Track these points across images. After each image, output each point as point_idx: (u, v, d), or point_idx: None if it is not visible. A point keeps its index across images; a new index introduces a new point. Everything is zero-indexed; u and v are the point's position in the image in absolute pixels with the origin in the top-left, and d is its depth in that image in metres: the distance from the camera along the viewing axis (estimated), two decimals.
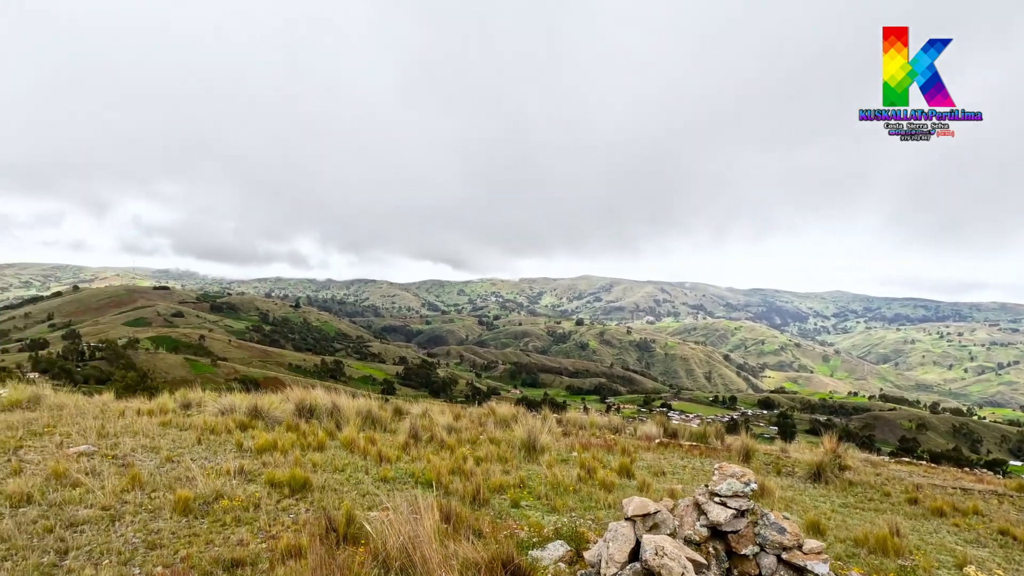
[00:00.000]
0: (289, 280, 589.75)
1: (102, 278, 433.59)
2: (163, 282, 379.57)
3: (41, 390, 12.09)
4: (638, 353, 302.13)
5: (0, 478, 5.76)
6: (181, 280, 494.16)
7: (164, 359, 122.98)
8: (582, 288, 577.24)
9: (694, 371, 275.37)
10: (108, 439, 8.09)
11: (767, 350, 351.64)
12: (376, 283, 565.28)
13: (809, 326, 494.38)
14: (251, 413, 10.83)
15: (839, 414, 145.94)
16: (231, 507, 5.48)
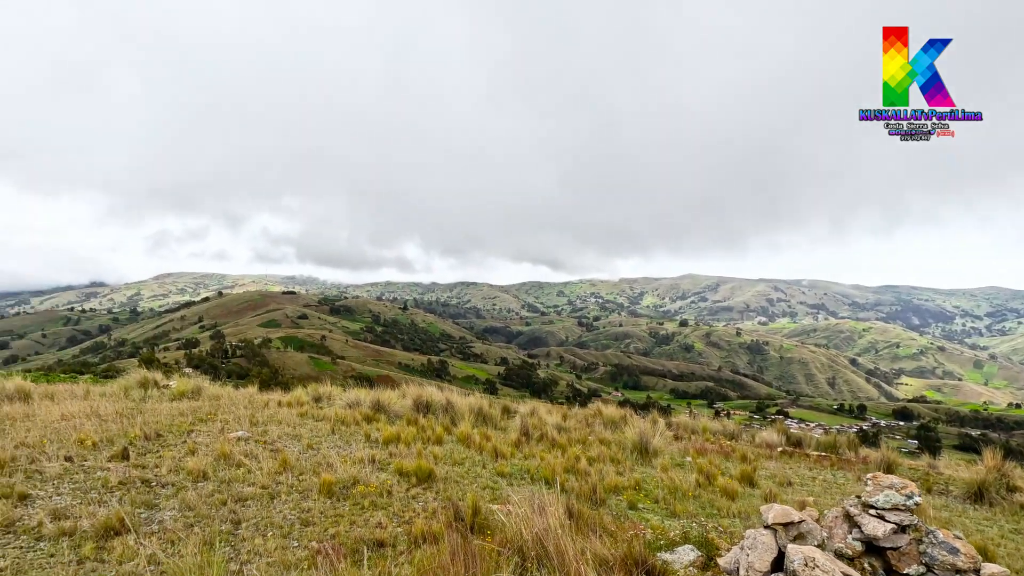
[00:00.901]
0: (397, 284, 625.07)
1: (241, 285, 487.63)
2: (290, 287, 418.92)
3: (201, 383, 13.86)
4: (749, 356, 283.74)
5: (180, 456, 6.69)
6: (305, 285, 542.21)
7: (292, 357, 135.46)
8: (686, 288, 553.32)
9: (814, 376, 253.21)
10: (258, 427, 9.08)
11: (903, 354, 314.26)
12: (477, 285, 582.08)
13: (955, 327, 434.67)
14: (374, 407, 11.63)
15: (996, 428, 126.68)
16: (367, 492, 5.93)
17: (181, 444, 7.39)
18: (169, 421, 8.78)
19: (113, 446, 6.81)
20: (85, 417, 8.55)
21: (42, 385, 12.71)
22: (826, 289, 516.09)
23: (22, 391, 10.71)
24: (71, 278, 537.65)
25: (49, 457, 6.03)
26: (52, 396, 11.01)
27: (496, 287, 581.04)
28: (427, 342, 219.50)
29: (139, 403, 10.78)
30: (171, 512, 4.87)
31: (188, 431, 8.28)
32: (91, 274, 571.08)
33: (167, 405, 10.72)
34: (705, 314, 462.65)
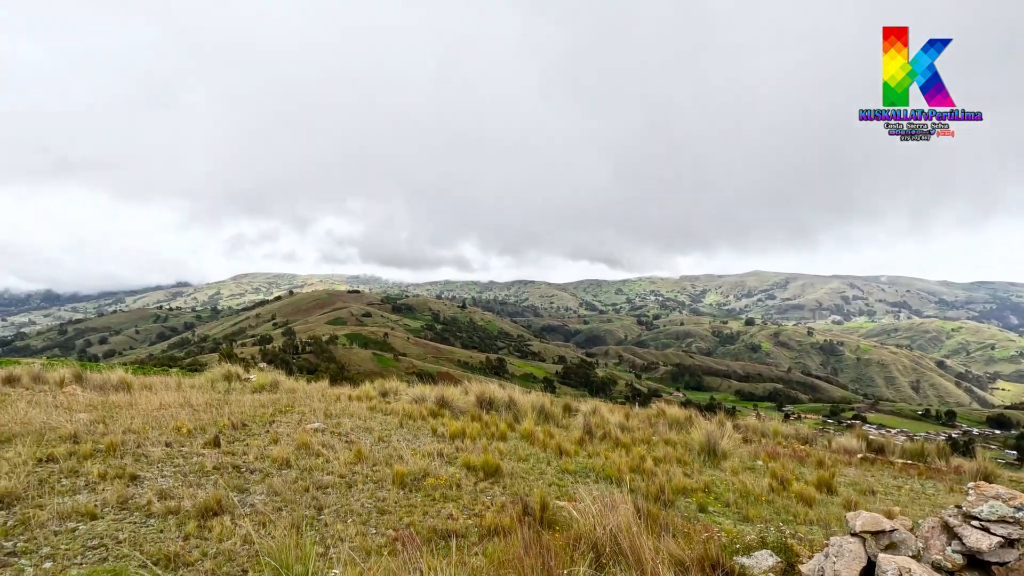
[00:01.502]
0: (456, 282, 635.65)
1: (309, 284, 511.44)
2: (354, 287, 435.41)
3: (278, 377, 14.68)
4: (822, 357, 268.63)
5: (265, 445, 7.14)
6: (368, 284, 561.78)
7: (357, 353, 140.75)
8: (751, 285, 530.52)
9: (896, 379, 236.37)
10: (332, 419, 9.52)
11: (999, 356, 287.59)
12: (535, 284, 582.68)
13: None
14: (439, 403, 11.93)
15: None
16: (437, 485, 6.11)
17: (264, 433, 7.88)
18: (252, 412, 9.37)
19: (205, 434, 7.35)
20: (179, 407, 9.27)
21: (139, 377, 13.87)
22: (908, 286, 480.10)
23: (124, 382, 11.75)
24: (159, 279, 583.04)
25: (152, 442, 6.59)
26: (150, 387, 12.00)
27: (554, 285, 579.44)
28: (485, 340, 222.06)
29: (224, 395, 11.55)
30: (260, 496, 5.22)
31: (270, 421, 8.81)
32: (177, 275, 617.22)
33: (249, 397, 11.44)
34: (773, 313, 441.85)
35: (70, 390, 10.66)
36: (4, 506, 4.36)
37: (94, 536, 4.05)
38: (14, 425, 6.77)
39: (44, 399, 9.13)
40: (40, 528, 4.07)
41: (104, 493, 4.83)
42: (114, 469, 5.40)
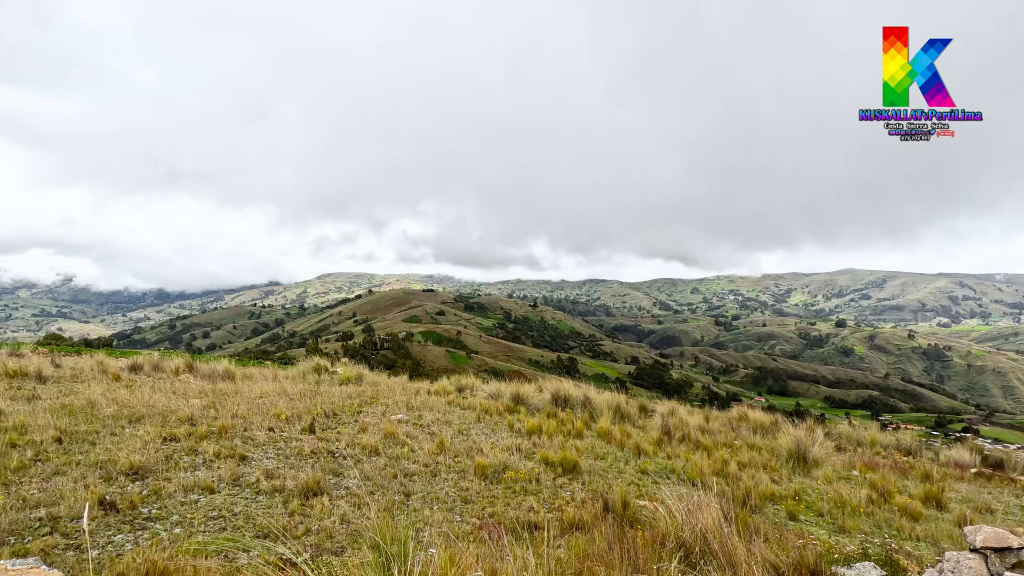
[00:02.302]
0: (527, 281, 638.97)
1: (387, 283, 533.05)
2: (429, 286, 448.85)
3: (362, 371, 15.44)
4: (925, 363, 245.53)
5: (354, 433, 7.57)
6: (442, 283, 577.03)
7: (431, 350, 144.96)
8: (843, 284, 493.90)
9: (1015, 389, 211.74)
10: (414, 411, 9.92)
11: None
12: (607, 283, 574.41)
13: None
14: (514, 400, 12.09)
15: None
16: (517, 478, 6.22)
17: (353, 422, 8.35)
18: (341, 402, 9.95)
19: (301, 421, 7.90)
20: (277, 396, 10.00)
21: (241, 368, 15.06)
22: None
23: (229, 372, 12.83)
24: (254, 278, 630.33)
25: (256, 427, 7.18)
26: (250, 377, 13.02)
27: (626, 284, 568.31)
28: (556, 339, 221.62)
29: (315, 386, 12.32)
30: (353, 480, 5.56)
31: (357, 412, 9.32)
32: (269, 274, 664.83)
33: (337, 389, 12.13)
34: (868, 314, 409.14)
35: (184, 378, 11.79)
36: (139, 477, 4.92)
37: (213, 508, 4.49)
38: (141, 407, 7.60)
39: (163, 385, 10.16)
40: (169, 498, 4.57)
41: (219, 470, 5.33)
42: (226, 450, 5.94)
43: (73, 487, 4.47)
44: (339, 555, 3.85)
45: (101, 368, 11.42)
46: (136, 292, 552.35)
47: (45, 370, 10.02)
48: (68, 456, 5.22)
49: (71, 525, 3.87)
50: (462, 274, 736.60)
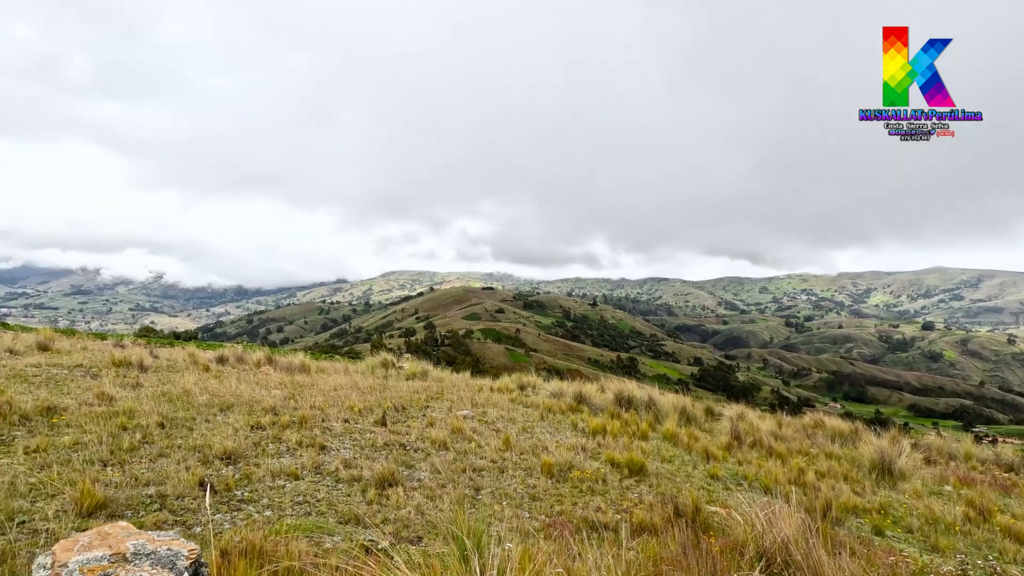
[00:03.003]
0: (587, 280, 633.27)
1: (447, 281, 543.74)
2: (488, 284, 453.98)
3: (426, 367, 15.85)
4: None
5: (422, 427, 7.81)
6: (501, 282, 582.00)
7: (490, 348, 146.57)
8: (931, 284, 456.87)
9: None
10: (478, 408, 10.09)
11: None
12: (669, 281, 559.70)
13: None
14: (577, 399, 12.05)
15: None
16: (583, 477, 6.22)
17: (421, 417, 8.61)
18: (409, 397, 10.27)
19: (373, 414, 8.24)
20: (349, 389, 10.46)
21: (314, 361, 15.84)
22: None
23: (304, 365, 13.54)
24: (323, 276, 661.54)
25: (333, 418, 7.55)
26: (323, 370, 13.67)
27: (689, 283, 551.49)
28: (616, 338, 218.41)
29: (383, 380, 12.78)
30: (425, 473, 5.74)
31: (424, 406, 9.60)
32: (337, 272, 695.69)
33: (404, 383, 12.52)
34: (959, 316, 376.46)
35: (265, 370, 12.55)
36: (232, 462, 5.31)
37: (298, 493, 4.78)
38: (230, 397, 8.17)
39: (247, 377, 10.86)
40: (259, 482, 4.90)
41: (302, 458, 5.66)
42: (307, 439, 6.29)
43: (176, 468, 4.88)
44: (416, 544, 4.01)
45: (192, 359, 12.34)
46: (218, 288, 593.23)
47: (145, 360, 10.96)
48: (170, 440, 5.71)
49: (176, 503, 4.23)
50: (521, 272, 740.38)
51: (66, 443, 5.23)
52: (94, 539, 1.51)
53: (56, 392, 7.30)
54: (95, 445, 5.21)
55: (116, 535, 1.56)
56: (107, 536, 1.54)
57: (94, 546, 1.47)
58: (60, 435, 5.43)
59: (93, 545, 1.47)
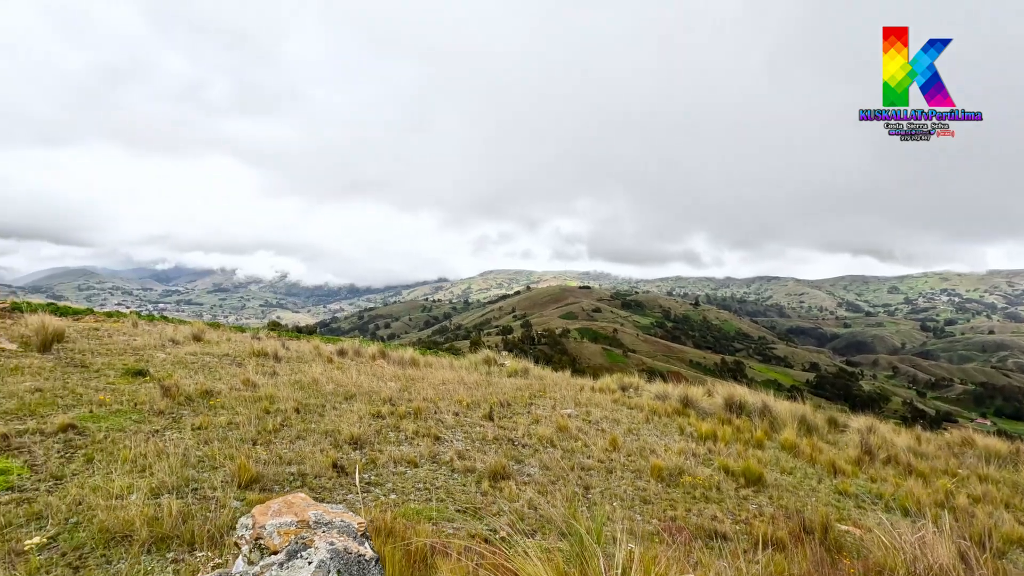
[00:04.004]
0: (688, 279, 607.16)
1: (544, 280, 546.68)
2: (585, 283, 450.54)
3: (527, 364, 16.07)
4: None
5: (528, 424, 7.93)
6: (598, 281, 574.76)
7: (587, 347, 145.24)
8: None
9: None
10: (581, 407, 10.06)
11: None
12: (780, 280, 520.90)
13: None
14: (683, 402, 11.61)
15: None
16: (695, 484, 5.99)
17: (526, 413, 8.76)
18: (513, 393, 10.48)
19: (480, 408, 8.51)
20: (456, 383, 10.88)
21: (421, 356, 16.65)
22: None
23: (414, 359, 14.29)
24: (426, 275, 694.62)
25: (444, 411, 7.90)
26: (430, 365, 14.34)
27: (804, 282, 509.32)
28: (720, 340, 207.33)
29: (487, 376, 13.15)
30: (534, 468, 5.84)
31: (528, 403, 9.74)
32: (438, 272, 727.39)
33: (507, 380, 12.79)
34: None
35: (379, 363, 13.41)
36: (358, 447, 5.75)
37: (418, 480, 5.07)
38: (352, 387, 8.84)
39: (365, 369, 11.66)
40: (383, 467, 5.26)
41: (419, 447, 5.99)
42: (423, 429, 6.65)
43: (311, 450, 5.37)
44: (531, 537, 4.09)
45: (317, 352, 13.49)
46: (333, 287, 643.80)
47: (279, 351, 12.16)
48: (305, 424, 6.29)
49: (314, 482, 4.66)
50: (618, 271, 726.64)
51: (222, 422, 5.96)
52: (282, 507, 1.73)
53: (210, 377, 8.32)
54: (245, 425, 5.87)
55: (299, 504, 1.78)
56: (292, 505, 1.76)
57: (283, 512, 1.68)
58: (217, 415, 6.19)
59: (282, 512, 1.69)
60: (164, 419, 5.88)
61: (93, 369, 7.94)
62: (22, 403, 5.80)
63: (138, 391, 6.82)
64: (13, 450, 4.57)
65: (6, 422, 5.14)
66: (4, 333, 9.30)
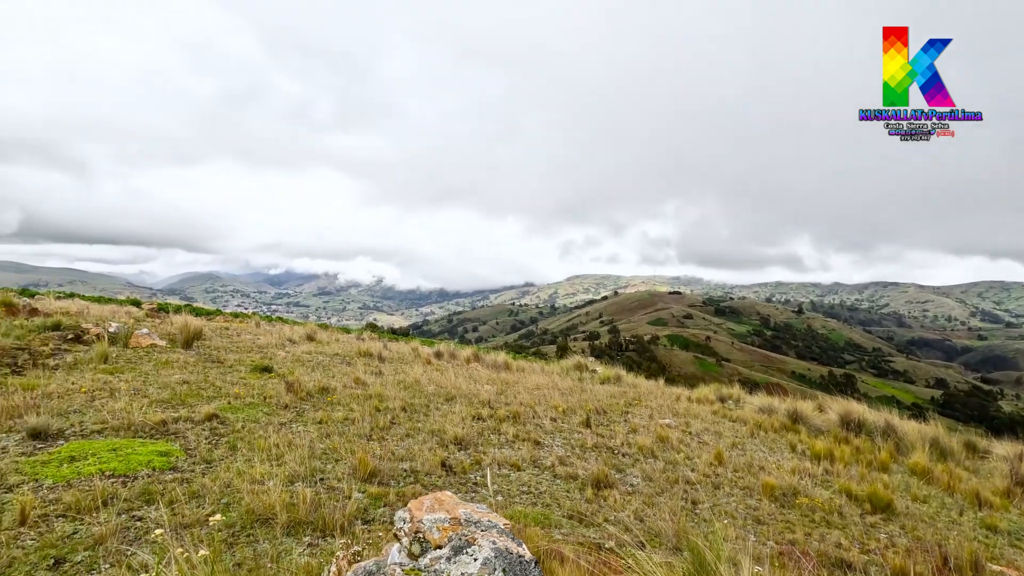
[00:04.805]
0: (789, 284, 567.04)
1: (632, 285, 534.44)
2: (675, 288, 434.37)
3: (620, 372, 15.78)
4: None
5: (625, 433, 7.79)
6: (689, 286, 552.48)
7: (677, 355, 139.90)
8: None
9: None
10: (680, 418, 9.72)
11: None
12: (899, 286, 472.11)
13: None
14: (791, 417, 10.87)
15: None
16: (813, 506, 5.58)
17: (623, 422, 8.60)
18: (607, 401, 10.34)
19: (576, 415, 8.48)
20: (550, 389, 10.92)
21: (513, 360, 16.87)
22: None
23: (507, 364, 14.52)
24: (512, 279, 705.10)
25: (541, 416, 7.96)
26: (522, 369, 14.49)
27: (928, 288, 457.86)
28: (827, 351, 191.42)
29: (579, 382, 13.06)
30: (636, 478, 5.73)
31: (624, 412, 9.57)
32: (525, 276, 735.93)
33: (599, 387, 12.64)
34: None
35: (473, 366, 13.77)
36: (463, 447, 5.94)
37: (522, 484, 5.15)
38: (451, 388, 9.15)
39: (460, 371, 12.03)
40: (487, 469, 5.40)
41: (520, 451, 6.08)
42: (522, 433, 6.74)
43: (420, 448, 5.63)
44: (640, 549, 4.02)
45: (415, 353, 14.11)
46: (424, 291, 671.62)
47: (382, 352, 12.86)
48: (412, 423, 6.60)
49: (426, 479, 4.88)
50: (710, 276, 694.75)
51: (339, 418, 6.40)
52: (434, 503, 1.85)
53: (325, 375, 8.96)
54: (359, 422, 6.27)
55: (448, 502, 1.89)
56: (442, 502, 1.88)
57: (435, 509, 1.80)
58: (334, 411, 6.66)
59: (434, 508, 1.81)
60: (289, 413, 6.43)
61: (227, 365, 8.84)
62: (174, 393, 6.59)
63: (265, 386, 7.51)
64: (171, 435, 5.20)
65: (163, 410, 5.86)
66: (155, 331, 10.60)
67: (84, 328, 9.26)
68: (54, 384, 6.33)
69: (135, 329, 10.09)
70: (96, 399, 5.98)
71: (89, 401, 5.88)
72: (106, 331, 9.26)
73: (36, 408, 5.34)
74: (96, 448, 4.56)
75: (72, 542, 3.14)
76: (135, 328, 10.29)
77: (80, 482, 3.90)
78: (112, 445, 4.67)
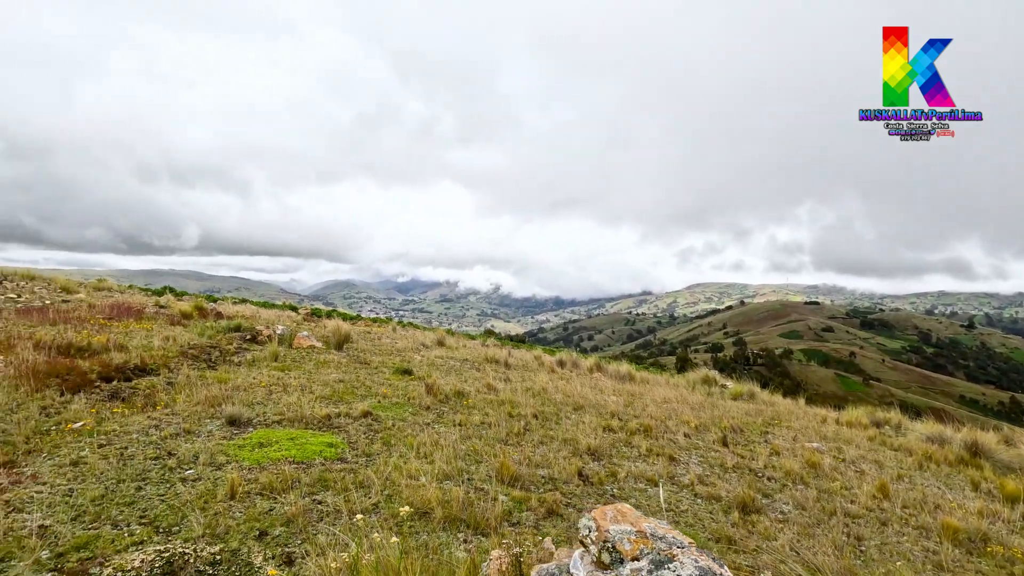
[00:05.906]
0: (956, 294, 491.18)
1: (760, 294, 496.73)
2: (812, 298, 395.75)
3: (753, 388, 14.72)
4: None
5: (767, 454, 7.26)
6: (829, 296, 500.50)
7: (815, 372, 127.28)
8: None
9: None
10: (829, 442, 8.84)
11: None
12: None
13: None
14: (969, 449, 9.42)
15: None
16: (1011, 557, 4.78)
17: (763, 443, 8.03)
18: (742, 419, 9.70)
19: (710, 432, 8.07)
20: (678, 403, 10.51)
21: (636, 371, 16.47)
22: None
23: (630, 375, 14.22)
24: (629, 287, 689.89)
25: (673, 431, 7.70)
26: (646, 380, 14.10)
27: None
28: (1007, 373, 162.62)
29: (708, 397, 12.41)
30: (787, 506, 5.32)
31: (763, 431, 8.93)
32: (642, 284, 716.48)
33: (732, 404, 11.91)
34: None
35: (596, 376, 13.68)
36: (596, 458, 5.94)
37: (661, 500, 5.02)
38: (578, 397, 9.18)
39: (585, 381, 12.01)
40: (623, 481, 5.34)
41: (655, 465, 5.93)
42: (656, 447, 6.57)
43: (555, 456, 5.72)
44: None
45: (539, 361, 14.35)
46: (540, 299, 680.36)
47: (507, 359, 13.25)
48: (544, 430, 6.73)
49: (564, 487, 4.95)
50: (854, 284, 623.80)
51: (476, 421, 6.72)
52: (616, 514, 1.91)
53: (459, 379, 9.45)
54: (495, 426, 6.53)
55: (630, 515, 1.94)
56: (624, 514, 1.93)
57: (619, 520, 1.86)
58: (471, 414, 7.00)
59: (618, 519, 1.87)
60: (431, 414, 6.87)
61: (372, 366, 9.67)
62: (333, 391, 7.35)
63: (408, 387, 8.10)
64: (334, 428, 5.80)
65: (326, 405, 6.56)
66: (312, 333, 11.90)
67: (258, 330, 10.66)
68: (240, 378, 7.37)
69: (297, 332, 11.40)
70: (273, 393, 6.86)
71: (268, 394, 6.76)
72: (275, 333, 10.58)
73: (230, 399, 6.25)
74: (278, 436, 5.24)
75: (271, 517, 3.64)
76: (297, 331, 11.63)
77: (270, 465, 4.50)
78: (290, 435, 5.34)
